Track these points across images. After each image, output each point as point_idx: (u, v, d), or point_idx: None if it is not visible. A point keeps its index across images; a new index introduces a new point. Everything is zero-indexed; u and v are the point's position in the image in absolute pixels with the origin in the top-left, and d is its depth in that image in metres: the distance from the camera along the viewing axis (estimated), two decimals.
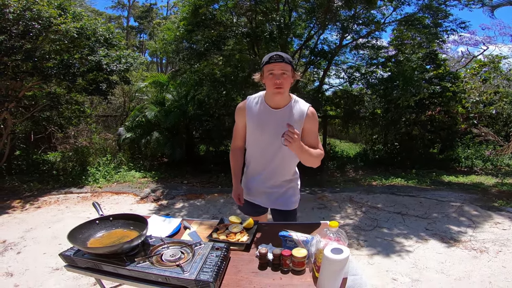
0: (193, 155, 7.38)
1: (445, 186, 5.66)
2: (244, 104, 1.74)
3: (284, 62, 1.54)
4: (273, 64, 1.55)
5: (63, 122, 7.19)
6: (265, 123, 1.67)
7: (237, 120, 1.80)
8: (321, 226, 1.68)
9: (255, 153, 1.80)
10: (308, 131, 1.68)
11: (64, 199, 4.65)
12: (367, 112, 7.62)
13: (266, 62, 1.57)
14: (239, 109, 1.76)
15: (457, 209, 4.22)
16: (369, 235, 3.47)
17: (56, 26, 5.29)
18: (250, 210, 1.94)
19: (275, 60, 1.54)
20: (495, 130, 8.44)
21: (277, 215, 1.90)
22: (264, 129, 1.67)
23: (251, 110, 1.71)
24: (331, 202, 4.36)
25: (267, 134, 1.67)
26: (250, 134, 1.76)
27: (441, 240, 3.40)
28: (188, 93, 7.04)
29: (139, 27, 23.93)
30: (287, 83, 1.58)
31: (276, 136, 1.62)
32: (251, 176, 1.89)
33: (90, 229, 1.47)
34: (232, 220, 1.66)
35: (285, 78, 1.55)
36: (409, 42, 6.66)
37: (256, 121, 1.69)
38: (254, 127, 1.70)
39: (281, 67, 1.54)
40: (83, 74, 6.03)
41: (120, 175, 5.70)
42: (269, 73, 1.56)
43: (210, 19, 6.21)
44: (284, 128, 1.47)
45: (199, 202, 4.41)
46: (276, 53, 1.55)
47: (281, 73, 1.54)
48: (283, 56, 1.55)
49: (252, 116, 1.70)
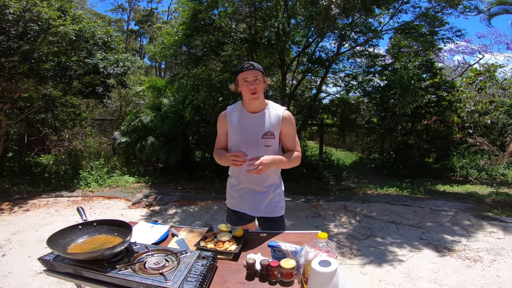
0: (188, 161, 7.32)
1: (439, 195, 5.65)
2: (225, 113, 1.85)
3: (255, 69, 1.69)
4: (245, 72, 1.69)
5: (57, 124, 7.14)
6: (245, 127, 1.77)
7: (219, 128, 1.89)
8: (311, 236, 1.65)
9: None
10: (285, 134, 1.79)
11: (54, 202, 4.57)
12: (363, 120, 7.62)
13: (239, 71, 1.71)
14: (221, 117, 1.86)
15: (451, 218, 4.20)
16: (362, 244, 3.43)
17: (55, 28, 5.28)
18: (237, 219, 1.92)
19: (247, 68, 1.69)
20: (490, 139, 8.48)
21: (264, 223, 1.88)
22: (245, 133, 1.76)
23: (231, 117, 1.81)
24: (326, 210, 4.33)
25: (248, 137, 1.76)
26: (232, 139, 1.83)
27: (434, 249, 3.36)
28: (185, 98, 7.02)
29: (139, 31, 24.01)
30: (260, 88, 1.72)
31: (256, 139, 1.74)
32: (235, 184, 1.90)
33: (72, 234, 1.43)
34: (222, 229, 1.62)
35: (258, 84, 1.69)
36: (406, 50, 6.70)
37: (236, 126, 1.78)
38: (235, 131, 1.79)
39: (253, 74, 1.69)
40: (80, 77, 6.00)
41: (113, 180, 5.63)
42: (244, 80, 1.70)
43: (209, 24, 6.22)
44: (262, 131, 1.73)
45: (192, 209, 4.35)
46: (247, 62, 1.72)
47: (254, 79, 1.68)
48: (253, 64, 1.71)
49: (232, 122, 1.79)
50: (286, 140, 1.81)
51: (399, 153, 7.99)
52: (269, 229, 1.83)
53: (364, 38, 6.56)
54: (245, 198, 1.85)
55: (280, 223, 1.88)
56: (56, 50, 5.75)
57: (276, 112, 1.77)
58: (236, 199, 1.89)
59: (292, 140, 1.82)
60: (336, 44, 7.44)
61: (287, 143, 1.82)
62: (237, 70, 1.75)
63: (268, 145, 1.75)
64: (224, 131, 1.86)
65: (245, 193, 1.85)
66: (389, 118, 6.90)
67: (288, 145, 1.83)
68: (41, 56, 5.63)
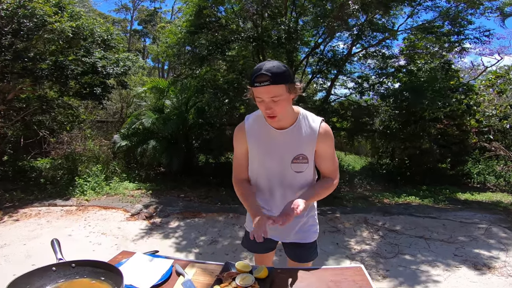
0: (191, 166, 6.94)
1: (463, 205, 5.24)
2: (243, 127, 1.40)
3: (273, 84, 1.15)
4: (259, 89, 1.18)
5: (55, 127, 6.82)
6: (269, 148, 1.36)
7: (236, 147, 1.44)
8: (353, 272, 1.30)
9: (262, 181, 1.45)
10: (322, 153, 1.36)
11: (46, 212, 4.20)
12: (381, 125, 7.21)
13: (252, 84, 1.20)
14: (238, 132, 1.42)
15: (485, 231, 3.79)
16: (390, 263, 3.03)
17: (50, 24, 4.97)
18: (258, 246, 1.54)
19: (259, 84, 1.16)
20: (505, 144, 8.08)
21: (292, 249, 1.54)
22: (270, 155, 1.36)
23: (252, 133, 1.38)
24: (344, 223, 3.92)
25: (273, 161, 1.37)
26: (253, 161, 1.43)
27: (473, 267, 2.98)
28: (188, 100, 6.66)
29: (142, 31, 23.76)
30: (282, 108, 1.23)
31: (285, 161, 1.35)
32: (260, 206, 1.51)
33: (44, 278, 1.07)
34: (240, 268, 1.24)
35: (278, 104, 1.20)
36: (425, 52, 6.33)
37: (259, 146, 1.38)
38: (258, 153, 1.39)
39: (269, 92, 1.17)
40: (77, 77, 5.67)
41: (111, 187, 5.25)
42: (257, 98, 1.22)
43: (214, 21, 5.88)
44: (293, 151, 1.32)
45: (196, 222, 3.95)
46: (261, 72, 1.15)
47: (270, 100, 1.18)
48: (270, 75, 1.14)
49: (254, 140, 1.38)
50: (321, 163, 1.38)
51: (413, 159, 7.59)
52: (298, 256, 1.52)
53: (382, 37, 6.18)
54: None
55: (312, 250, 1.54)
56: (53, 49, 5.45)
57: (310, 126, 1.33)
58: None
59: (329, 163, 1.39)
60: (348, 44, 7.11)
61: (322, 166, 1.40)
62: (251, 78, 1.21)
63: (299, 171, 1.36)
64: (243, 151, 1.43)
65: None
66: (413, 123, 6.44)
67: (323, 169, 1.41)
68: (37, 54, 5.33)
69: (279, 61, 1.22)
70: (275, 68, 1.16)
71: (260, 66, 1.18)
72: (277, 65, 1.18)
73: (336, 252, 3.21)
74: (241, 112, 6.22)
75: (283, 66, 1.20)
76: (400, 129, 6.75)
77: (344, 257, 3.11)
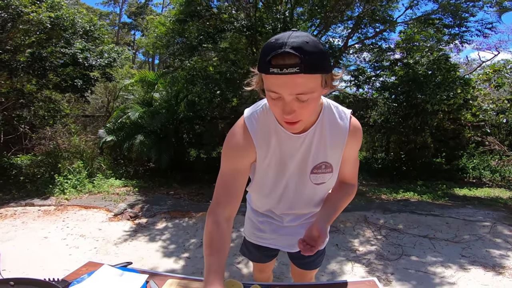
0: (182, 162, 6.64)
1: (462, 201, 5.09)
2: (248, 133, 0.94)
3: (305, 73, 0.71)
4: (277, 78, 0.73)
5: (35, 122, 6.43)
6: (282, 158, 0.98)
7: (230, 160, 0.97)
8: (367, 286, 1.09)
9: (269, 201, 1.14)
10: (346, 156, 1.01)
11: (22, 212, 3.85)
12: (380, 118, 7.02)
13: (265, 69, 0.74)
14: (240, 140, 0.94)
15: (490, 230, 3.61)
16: (396, 266, 2.80)
17: (26, 15, 4.63)
18: (261, 255, 1.36)
19: (280, 69, 0.71)
20: (500, 139, 8.02)
21: (301, 258, 1.30)
22: (282, 167, 1.00)
23: (262, 139, 0.95)
24: (344, 223, 3.68)
25: (289, 170, 1.01)
26: (258, 175, 1.05)
27: (483, 268, 2.79)
28: (178, 93, 6.34)
29: (132, 23, 23.11)
30: (310, 111, 0.81)
31: (302, 173, 1.00)
32: (264, 218, 1.24)
33: None
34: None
35: (305, 106, 0.78)
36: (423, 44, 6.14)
37: (273, 155, 0.97)
38: (271, 163, 0.99)
39: (297, 86, 0.73)
40: (56, 69, 5.32)
41: (94, 184, 4.91)
42: (272, 92, 0.77)
43: (205, 10, 5.56)
44: (314, 160, 0.97)
45: (186, 222, 3.65)
46: (285, 50, 0.70)
47: (293, 98, 0.76)
48: (301, 57, 0.69)
49: (265, 148, 0.96)
50: (344, 166, 1.05)
51: (408, 153, 7.45)
52: (306, 265, 1.33)
53: (381, 28, 5.95)
54: (281, 233, 1.22)
55: (322, 256, 1.34)
56: (30, 40, 5.10)
57: (337, 125, 0.95)
58: (270, 235, 1.24)
59: (352, 166, 1.08)
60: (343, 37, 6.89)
61: (343, 170, 1.06)
62: (261, 60, 0.75)
63: (320, 182, 1.03)
64: (242, 167, 0.96)
65: (283, 227, 1.21)
66: (414, 116, 6.23)
67: (345, 173, 1.08)
68: (13, 46, 4.99)
69: (309, 34, 0.76)
70: (309, 46, 0.70)
71: (281, 39, 0.72)
72: (311, 40, 0.72)
73: (338, 255, 2.97)
74: (233, 105, 5.93)
75: (319, 42, 0.74)
76: (400, 122, 6.57)
77: (347, 261, 2.87)
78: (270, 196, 1.10)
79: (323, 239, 0.93)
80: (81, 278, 1.07)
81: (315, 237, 0.94)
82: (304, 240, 0.94)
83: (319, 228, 0.95)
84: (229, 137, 0.97)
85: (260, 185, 1.08)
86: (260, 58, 0.76)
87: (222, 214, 0.92)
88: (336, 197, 1.09)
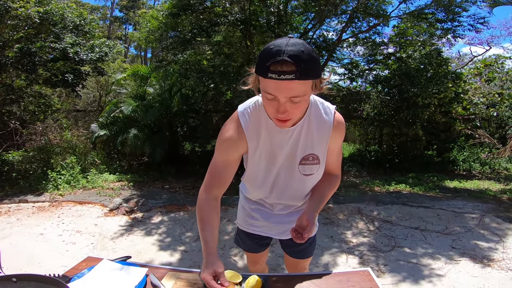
0: (177, 155, 6.63)
1: (452, 193, 5.21)
2: (240, 127, 1.05)
3: (300, 79, 0.80)
4: (275, 83, 0.82)
5: (26, 117, 6.33)
6: (273, 150, 1.08)
7: (222, 152, 1.08)
8: (360, 276, 1.14)
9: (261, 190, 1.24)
10: (330, 148, 1.12)
11: (16, 209, 3.83)
12: (372, 111, 7.09)
13: (263, 73, 0.83)
14: (233, 133, 1.05)
15: (478, 222, 3.71)
16: (389, 257, 2.88)
17: (14, 10, 4.53)
18: (253, 244, 1.43)
19: (278, 75, 0.80)
20: (490, 132, 8.18)
21: (293, 246, 1.36)
22: (273, 158, 1.11)
23: (253, 134, 1.06)
24: (338, 215, 3.75)
25: (278, 163, 1.12)
26: (250, 167, 1.17)
27: (472, 259, 2.88)
28: (172, 86, 6.29)
29: (124, 17, 22.64)
30: (300, 111, 0.93)
31: (291, 163, 1.11)
32: (256, 206, 1.32)
33: None
34: (229, 279, 1.01)
35: (296, 106, 0.89)
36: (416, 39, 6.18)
37: (260, 149, 1.08)
38: (262, 155, 1.10)
39: (292, 90, 0.83)
40: (46, 64, 5.24)
41: (88, 180, 4.88)
42: (269, 95, 0.87)
43: (199, 3, 5.48)
44: (302, 151, 1.07)
45: (181, 216, 3.67)
46: (283, 58, 0.78)
47: (287, 100, 0.86)
48: (298, 65, 0.78)
49: (256, 141, 1.07)
50: (328, 158, 1.13)
51: (400, 146, 7.57)
52: (298, 253, 1.40)
53: (374, 22, 5.97)
54: (271, 220, 1.30)
55: (313, 244, 1.41)
56: (18, 36, 5.01)
57: (322, 120, 1.05)
58: (261, 222, 1.32)
59: (336, 157, 1.18)
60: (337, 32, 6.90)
61: (329, 161, 1.15)
62: (260, 65, 0.85)
63: (308, 173, 1.12)
64: (232, 158, 1.08)
65: (273, 215, 1.29)
66: (406, 109, 6.32)
67: (329, 164, 1.17)
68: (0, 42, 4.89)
69: (303, 41, 0.84)
70: (304, 55, 0.80)
71: (279, 47, 0.80)
72: (306, 49, 0.81)
73: (332, 246, 3.04)
74: (228, 98, 5.92)
75: (312, 50, 0.83)
76: (392, 115, 6.65)
77: (341, 252, 2.94)
78: (263, 185, 1.19)
79: (310, 227, 1.01)
80: (82, 273, 1.09)
81: (305, 226, 1.02)
82: (296, 230, 1.03)
83: (308, 217, 1.04)
84: (223, 130, 1.08)
85: (253, 176, 1.19)
86: (258, 62, 0.86)
87: (212, 193, 1.08)
88: (322, 187, 1.18)
